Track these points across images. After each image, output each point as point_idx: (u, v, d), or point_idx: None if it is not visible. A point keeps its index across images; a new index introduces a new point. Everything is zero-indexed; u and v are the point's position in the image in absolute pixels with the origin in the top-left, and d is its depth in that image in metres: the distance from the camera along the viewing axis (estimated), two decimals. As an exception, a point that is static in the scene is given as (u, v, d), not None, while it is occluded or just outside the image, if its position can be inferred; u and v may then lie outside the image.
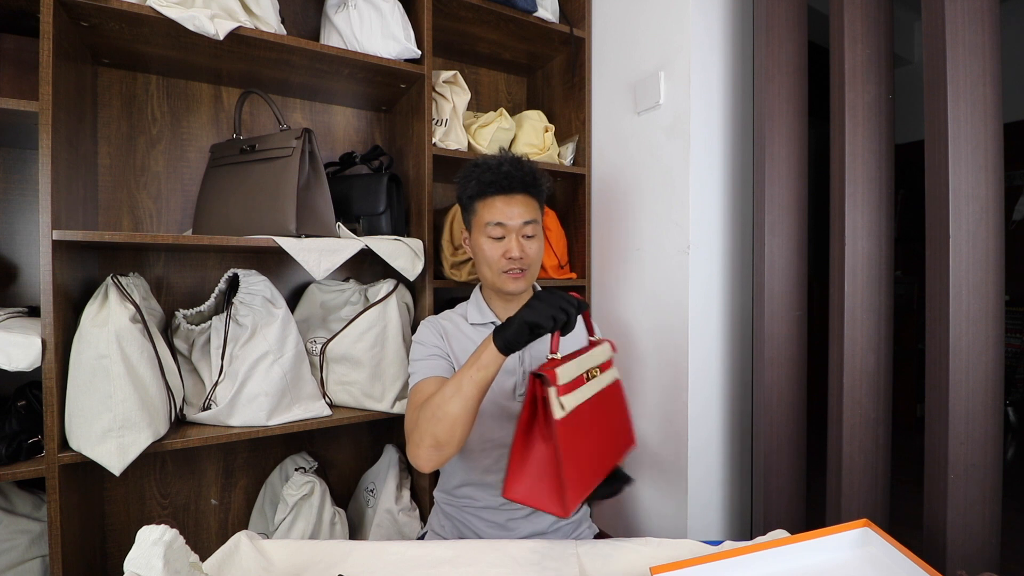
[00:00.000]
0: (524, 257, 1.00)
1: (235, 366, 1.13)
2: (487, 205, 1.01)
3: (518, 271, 1.01)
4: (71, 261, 1.06)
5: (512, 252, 0.99)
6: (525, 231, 1.01)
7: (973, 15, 0.91)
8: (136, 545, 0.58)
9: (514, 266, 1.00)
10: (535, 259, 1.03)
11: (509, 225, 1.00)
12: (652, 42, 1.37)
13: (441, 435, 0.82)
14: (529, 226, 1.01)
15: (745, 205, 1.36)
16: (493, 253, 1.01)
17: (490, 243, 1.01)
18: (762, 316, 1.21)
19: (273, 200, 1.14)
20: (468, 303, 1.11)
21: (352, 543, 0.83)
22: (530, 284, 1.05)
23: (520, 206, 1.00)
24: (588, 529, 1.10)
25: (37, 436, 1.00)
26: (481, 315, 1.06)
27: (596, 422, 0.80)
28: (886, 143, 1.09)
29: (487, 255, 1.02)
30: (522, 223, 1.00)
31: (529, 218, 1.01)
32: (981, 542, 0.92)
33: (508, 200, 1.00)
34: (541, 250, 1.05)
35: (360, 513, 1.43)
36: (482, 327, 1.06)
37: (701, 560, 0.71)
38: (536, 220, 1.02)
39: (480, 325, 1.06)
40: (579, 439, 0.75)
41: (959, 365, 0.91)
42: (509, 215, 1.00)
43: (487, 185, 1.01)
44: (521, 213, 1.00)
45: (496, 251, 1.01)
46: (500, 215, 1.00)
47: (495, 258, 1.01)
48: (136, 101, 1.30)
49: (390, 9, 1.26)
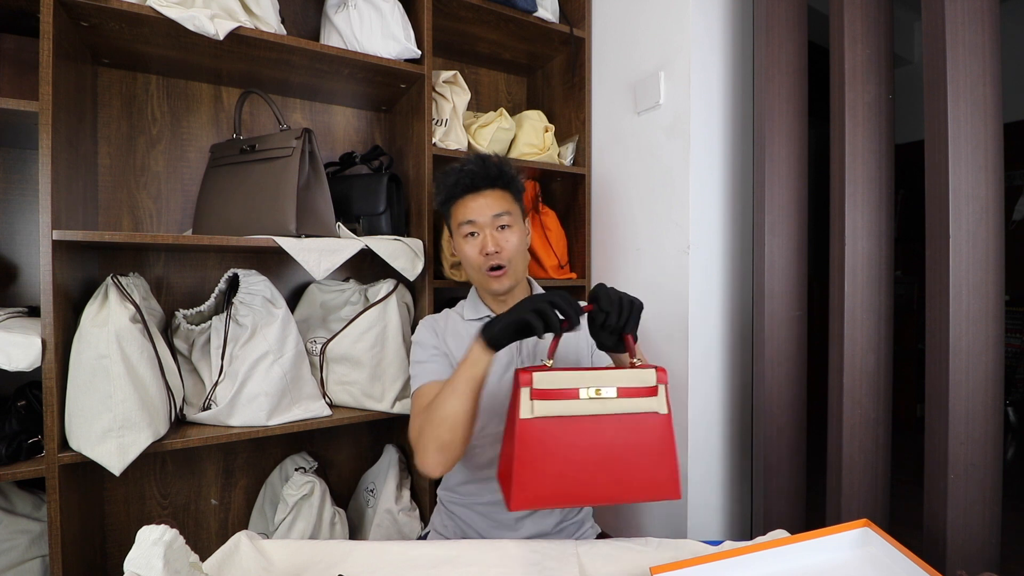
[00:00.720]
0: (501, 250, 0.99)
1: (235, 366, 1.13)
2: (458, 207, 1.02)
3: (499, 268, 1.00)
4: (71, 261, 1.06)
5: (488, 247, 0.99)
6: (498, 223, 1.00)
7: (973, 15, 0.90)
8: (136, 545, 0.58)
9: (492, 262, 0.99)
10: (516, 252, 1.01)
11: (480, 221, 1.00)
12: (652, 42, 1.37)
13: (444, 437, 0.82)
14: (501, 218, 1.00)
15: (745, 205, 1.36)
16: (472, 252, 1.01)
17: (467, 243, 1.02)
18: (762, 316, 1.21)
19: (273, 200, 1.14)
20: (466, 301, 1.11)
21: (352, 543, 0.83)
22: (516, 281, 1.03)
23: (489, 199, 1.00)
24: (591, 529, 1.11)
25: (37, 436, 1.00)
26: (476, 311, 1.07)
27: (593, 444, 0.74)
28: (886, 143, 1.09)
29: (467, 256, 1.02)
30: (492, 216, 1.00)
31: (499, 210, 1.00)
32: (981, 542, 0.92)
33: (476, 197, 1.01)
34: (523, 242, 1.04)
35: (360, 513, 1.43)
36: (477, 322, 1.06)
37: (701, 560, 0.71)
38: (509, 212, 1.01)
39: (475, 320, 1.07)
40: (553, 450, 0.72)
41: (959, 365, 0.91)
42: (478, 211, 1.00)
43: (453, 187, 1.02)
44: (490, 205, 1.00)
45: (474, 250, 1.01)
46: (470, 213, 1.00)
47: (474, 257, 1.01)
48: (136, 101, 1.30)
49: (390, 9, 1.26)
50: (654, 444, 0.76)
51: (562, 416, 0.74)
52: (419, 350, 1.02)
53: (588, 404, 0.75)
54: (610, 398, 0.75)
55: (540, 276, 1.56)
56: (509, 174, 1.04)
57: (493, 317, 0.80)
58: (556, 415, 0.73)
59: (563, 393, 0.74)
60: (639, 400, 0.76)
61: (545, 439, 0.73)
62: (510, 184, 1.04)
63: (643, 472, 0.76)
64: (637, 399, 0.76)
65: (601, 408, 0.75)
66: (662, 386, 0.77)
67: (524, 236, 1.05)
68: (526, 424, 0.72)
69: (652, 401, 0.77)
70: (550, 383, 0.74)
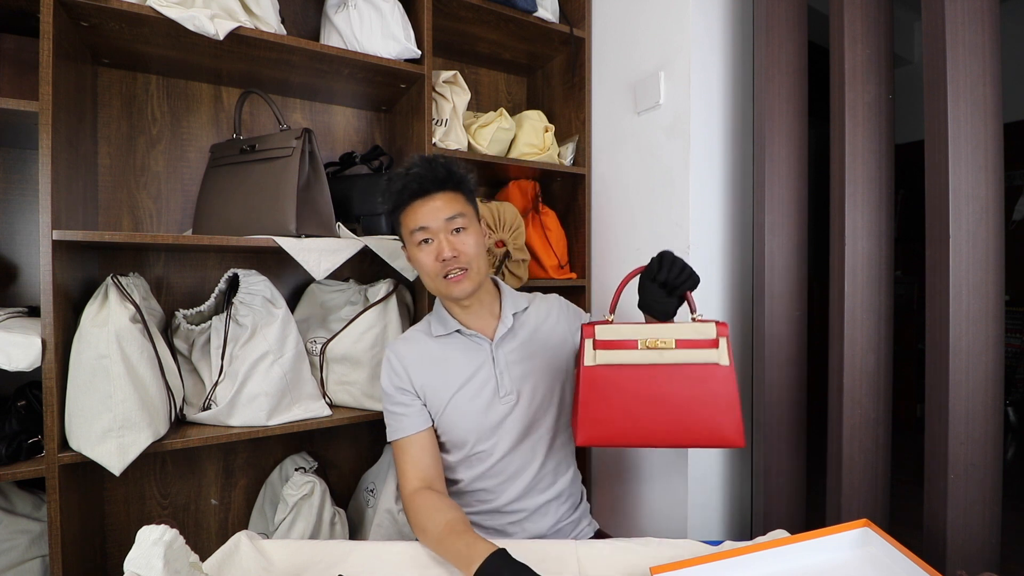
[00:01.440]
0: (459, 254, 0.95)
1: (235, 366, 1.13)
2: (408, 214, 0.97)
3: (458, 271, 0.96)
4: (71, 261, 1.06)
5: (443, 252, 0.94)
6: (452, 227, 0.96)
7: (973, 15, 0.90)
8: (136, 545, 0.58)
9: (450, 267, 0.95)
10: (474, 254, 0.97)
11: (432, 227, 0.95)
12: (652, 42, 1.37)
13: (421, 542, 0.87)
14: (455, 220, 0.96)
15: (745, 205, 1.36)
16: (427, 260, 0.96)
17: (421, 251, 0.97)
18: (762, 316, 1.21)
19: (273, 200, 1.14)
20: (431, 315, 1.08)
21: (352, 543, 0.84)
22: (478, 283, 0.99)
23: (439, 202, 0.95)
24: (589, 526, 1.11)
25: (37, 436, 1.00)
26: (444, 326, 1.03)
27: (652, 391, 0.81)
28: (886, 143, 1.09)
29: (423, 264, 0.97)
30: (445, 220, 0.95)
31: (452, 213, 0.95)
32: (981, 542, 0.92)
33: (425, 202, 0.96)
34: (481, 243, 0.99)
35: (360, 513, 1.43)
36: (446, 337, 1.03)
37: (701, 560, 0.71)
38: (463, 213, 0.97)
39: (444, 336, 1.03)
40: (613, 394, 0.82)
41: (959, 365, 0.91)
42: (429, 217, 0.95)
43: (399, 193, 0.97)
44: (441, 209, 0.95)
45: (428, 257, 0.96)
46: (421, 219, 0.95)
47: (430, 264, 0.96)
48: (136, 101, 1.30)
49: (390, 9, 1.26)
50: (718, 394, 0.82)
51: (622, 364, 0.83)
52: (386, 400, 1.01)
53: (646, 354, 0.83)
54: (668, 349, 0.83)
55: (540, 276, 1.56)
56: (459, 174, 0.98)
57: (497, 565, 0.72)
58: (616, 363, 0.83)
59: (622, 344, 0.83)
60: (699, 351, 0.83)
61: (606, 384, 0.82)
62: (460, 184, 0.99)
63: (706, 420, 0.82)
64: (697, 350, 0.83)
65: (659, 358, 0.83)
66: (723, 339, 0.83)
67: (481, 237, 1.01)
68: (588, 371, 0.83)
69: (713, 353, 0.82)
70: (611, 335, 0.84)
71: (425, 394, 1.00)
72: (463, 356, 1.02)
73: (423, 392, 1.00)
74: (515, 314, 1.06)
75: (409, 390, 1.00)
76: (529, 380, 1.03)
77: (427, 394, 1.00)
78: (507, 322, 1.04)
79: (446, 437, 1.02)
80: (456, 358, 1.02)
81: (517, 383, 1.02)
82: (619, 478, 1.50)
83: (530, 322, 1.08)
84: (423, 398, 1.01)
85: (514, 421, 1.01)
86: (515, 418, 1.01)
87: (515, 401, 1.01)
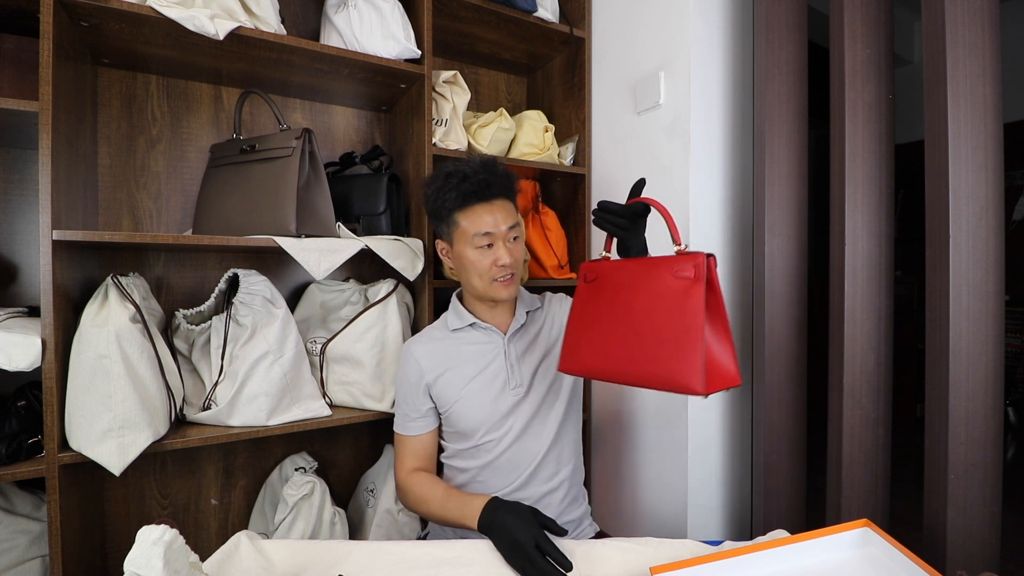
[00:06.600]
0: (515, 261, 1.02)
1: (235, 366, 1.13)
2: (469, 216, 1.00)
3: (508, 275, 1.02)
4: (71, 261, 1.06)
5: (503, 259, 1.00)
6: (511, 235, 1.02)
7: (973, 15, 0.90)
8: (136, 545, 0.58)
9: (504, 272, 1.01)
10: (520, 261, 1.06)
11: (496, 233, 1.00)
12: (652, 42, 1.37)
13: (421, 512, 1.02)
14: (515, 229, 1.03)
15: (745, 205, 1.35)
16: (483, 263, 1.01)
17: (478, 253, 1.01)
18: (762, 316, 1.21)
19: (273, 200, 1.14)
20: (448, 312, 1.13)
21: (352, 543, 0.84)
22: (519, 287, 1.10)
23: (502, 212, 1.01)
24: (589, 527, 1.11)
25: (37, 436, 1.00)
26: (460, 319, 1.09)
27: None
28: (886, 143, 1.09)
29: (477, 266, 1.01)
30: (507, 229, 1.01)
31: (513, 222, 1.02)
32: (981, 542, 0.92)
33: (490, 208, 1.00)
34: (524, 250, 1.08)
35: (360, 513, 1.43)
36: (461, 331, 1.09)
37: (701, 560, 0.71)
38: (519, 223, 1.04)
39: (460, 329, 1.09)
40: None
41: (959, 365, 0.91)
42: (495, 224, 1.00)
43: (468, 195, 1.00)
44: (505, 219, 1.01)
45: (486, 260, 1.01)
46: (486, 225, 0.99)
47: (485, 267, 1.01)
48: (136, 101, 1.30)
49: (390, 9, 1.26)
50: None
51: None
52: (399, 394, 1.09)
53: None
54: None
55: (540, 276, 1.56)
56: (515, 184, 1.05)
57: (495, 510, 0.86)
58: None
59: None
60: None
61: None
62: (516, 194, 1.06)
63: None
64: None
65: None
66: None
67: (524, 243, 1.09)
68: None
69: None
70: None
71: (437, 389, 1.06)
72: (477, 348, 1.08)
73: (435, 389, 1.06)
74: (528, 312, 1.13)
75: (421, 392, 1.06)
76: (538, 373, 1.08)
77: (440, 388, 1.05)
78: (520, 318, 1.10)
79: (456, 427, 1.06)
80: (470, 350, 1.08)
81: (527, 376, 1.08)
82: (619, 478, 1.50)
83: (541, 319, 1.14)
84: (434, 396, 1.07)
85: (522, 412, 1.06)
86: (523, 409, 1.06)
87: (524, 393, 1.06)
